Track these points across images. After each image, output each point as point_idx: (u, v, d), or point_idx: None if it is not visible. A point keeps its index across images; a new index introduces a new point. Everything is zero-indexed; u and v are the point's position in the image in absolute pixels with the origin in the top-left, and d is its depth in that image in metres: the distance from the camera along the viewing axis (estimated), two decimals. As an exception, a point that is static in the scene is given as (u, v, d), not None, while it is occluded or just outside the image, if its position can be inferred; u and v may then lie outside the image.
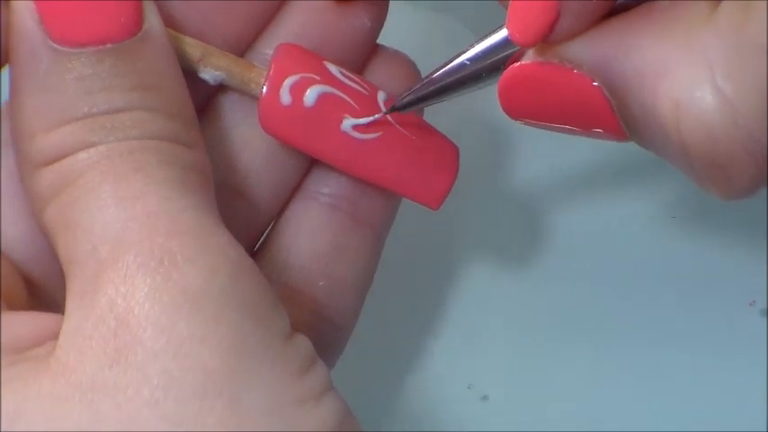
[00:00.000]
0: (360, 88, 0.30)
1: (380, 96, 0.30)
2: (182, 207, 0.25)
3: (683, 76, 0.23)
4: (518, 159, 0.40)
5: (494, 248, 0.40)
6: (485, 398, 0.38)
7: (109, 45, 0.26)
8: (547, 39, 0.25)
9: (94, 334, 0.24)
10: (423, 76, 0.32)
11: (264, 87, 0.29)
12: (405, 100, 0.29)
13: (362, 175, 0.30)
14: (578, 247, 0.39)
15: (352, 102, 0.29)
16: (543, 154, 0.39)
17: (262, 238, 0.32)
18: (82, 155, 0.25)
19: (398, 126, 0.30)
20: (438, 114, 0.32)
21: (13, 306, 0.27)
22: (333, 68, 0.30)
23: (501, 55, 0.27)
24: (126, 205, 0.25)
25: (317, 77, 0.29)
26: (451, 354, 0.39)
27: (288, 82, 0.29)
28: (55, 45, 0.26)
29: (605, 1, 0.24)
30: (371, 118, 0.30)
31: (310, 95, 0.29)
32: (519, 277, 0.39)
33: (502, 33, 0.27)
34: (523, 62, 0.26)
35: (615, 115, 0.25)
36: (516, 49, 0.27)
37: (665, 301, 0.39)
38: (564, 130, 0.27)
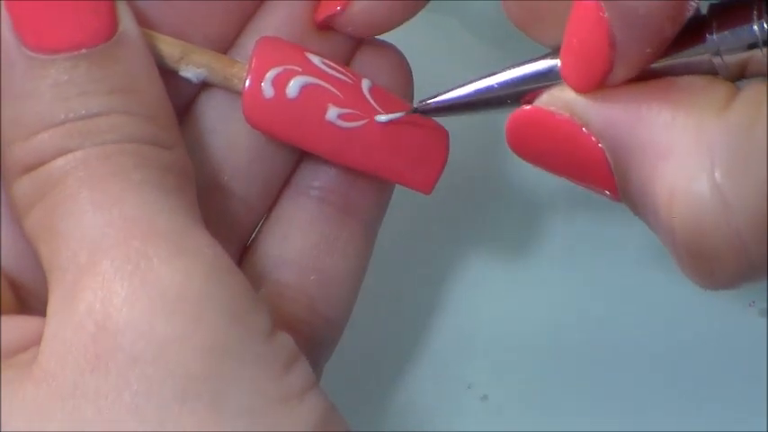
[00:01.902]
0: (343, 77, 0.30)
1: (365, 84, 0.30)
2: (158, 210, 0.25)
3: (684, 163, 0.23)
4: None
5: (494, 247, 0.40)
6: (485, 398, 0.38)
7: (83, 50, 0.26)
8: (600, 86, 0.25)
9: (74, 340, 0.24)
10: (416, 74, 0.32)
11: (246, 81, 0.29)
12: (431, 104, 0.29)
13: (350, 163, 0.30)
14: (578, 247, 0.39)
15: (335, 91, 0.29)
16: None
17: (253, 235, 0.32)
18: (60, 161, 0.26)
19: (385, 112, 0.30)
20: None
21: (1, 310, 0.27)
22: (315, 59, 0.30)
23: (527, 87, 0.27)
24: (103, 210, 0.25)
25: (299, 69, 0.29)
26: (451, 354, 0.39)
27: (270, 75, 0.29)
28: (29, 52, 0.26)
29: (657, 52, 0.25)
30: (396, 115, 0.30)
31: (293, 87, 0.29)
32: (519, 276, 0.39)
33: (537, 65, 0.27)
34: (535, 106, 0.26)
35: (614, 179, 0.25)
36: (542, 84, 0.27)
37: (665, 301, 0.39)
38: (561, 176, 0.27)
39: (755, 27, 0.24)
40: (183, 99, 0.30)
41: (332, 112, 0.29)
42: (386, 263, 0.38)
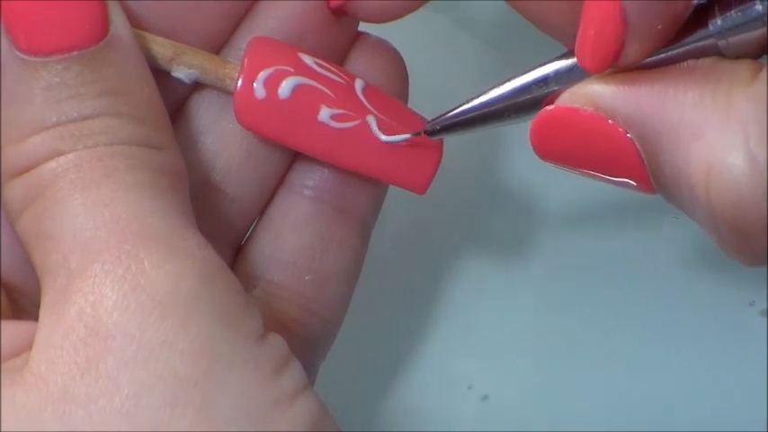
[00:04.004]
0: (336, 77, 0.30)
1: (358, 84, 0.30)
2: (150, 211, 0.25)
3: (718, 139, 0.23)
4: (514, 157, 0.40)
5: (494, 247, 0.40)
6: (485, 398, 0.38)
7: (75, 52, 0.26)
8: (614, 65, 0.25)
9: (65, 344, 0.24)
10: (415, 74, 0.32)
11: (238, 82, 0.29)
12: (437, 125, 0.29)
13: (343, 164, 0.30)
14: (578, 248, 0.39)
15: (328, 91, 0.29)
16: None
17: (247, 234, 0.32)
18: (51, 164, 0.26)
19: (378, 112, 0.30)
20: (434, 112, 0.32)
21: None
22: (307, 59, 0.30)
23: (541, 92, 0.27)
24: (95, 213, 0.25)
25: (291, 69, 0.29)
26: (452, 354, 0.39)
27: (261, 75, 0.29)
28: (21, 55, 0.26)
29: (669, 29, 0.25)
30: (404, 136, 0.30)
31: (285, 88, 0.29)
32: (519, 276, 0.39)
33: (545, 69, 0.27)
34: (558, 105, 0.26)
35: (645, 169, 0.25)
36: (556, 88, 0.27)
37: (665, 301, 0.39)
38: (592, 177, 0.27)
39: (759, 6, 0.24)
40: (175, 99, 0.30)
41: (324, 113, 0.29)
42: (386, 263, 0.39)
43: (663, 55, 0.25)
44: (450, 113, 0.29)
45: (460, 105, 0.29)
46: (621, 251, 0.39)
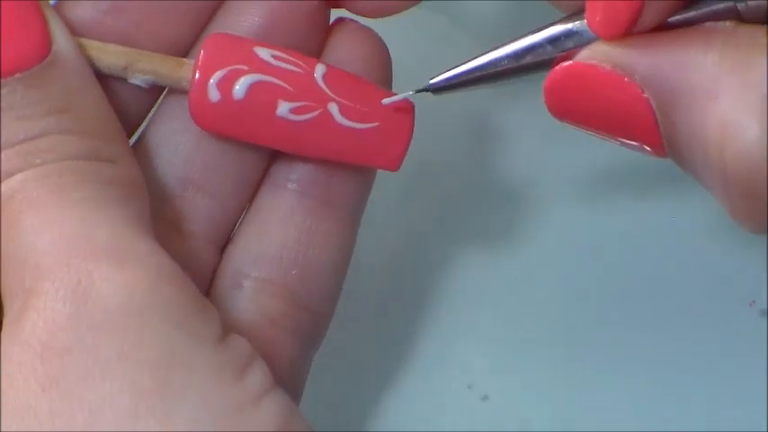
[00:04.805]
0: (294, 68, 0.29)
1: (318, 72, 0.30)
2: (97, 225, 0.25)
3: (734, 100, 0.23)
4: (513, 154, 0.40)
5: (494, 246, 0.40)
6: (485, 398, 0.38)
7: (17, 75, 0.26)
8: (628, 32, 0.25)
9: (22, 360, 0.24)
10: (414, 74, 0.32)
11: (191, 86, 0.29)
12: (439, 81, 0.29)
13: (311, 153, 0.30)
14: (578, 247, 0.39)
15: (285, 85, 0.29)
16: (540, 147, 0.40)
17: (234, 231, 0.32)
18: (3, 187, 0.26)
19: (340, 98, 0.30)
20: (435, 110, 0.32)
21: None
22: (263, 53, 0.29)
23: (549, 53, 0.27)
24: (44, 232, 0.25)
25: (246, 67, 0.29)
26: (451, 354, 0.39)
27: (214, 78, 0.29)
28: None
29: None
30: (405, 95, 0.30)
31: (240, 88, 0.29)
32: (520, 276, 0.39)
33: (554, 29, 0.27)
34: (576, 61, 0.26)
35: (659, 129, 0.25)
36: (566, 48, 0.27)
37: (665, 301, 0.39)
38: (604, 137, 0.27)
39: None
40: (150, 100, 0.30)
41: (282, 108, 0.29)
42: (386, 261, 0.39)
43: (680, 16, 0.25)
44: (456, 70, 0.29)
45: (465, 62, 0.29)
46: (621, 252, 0.39)
